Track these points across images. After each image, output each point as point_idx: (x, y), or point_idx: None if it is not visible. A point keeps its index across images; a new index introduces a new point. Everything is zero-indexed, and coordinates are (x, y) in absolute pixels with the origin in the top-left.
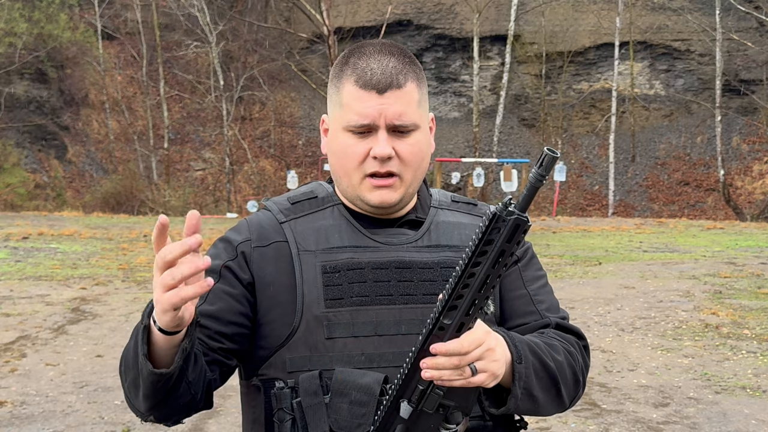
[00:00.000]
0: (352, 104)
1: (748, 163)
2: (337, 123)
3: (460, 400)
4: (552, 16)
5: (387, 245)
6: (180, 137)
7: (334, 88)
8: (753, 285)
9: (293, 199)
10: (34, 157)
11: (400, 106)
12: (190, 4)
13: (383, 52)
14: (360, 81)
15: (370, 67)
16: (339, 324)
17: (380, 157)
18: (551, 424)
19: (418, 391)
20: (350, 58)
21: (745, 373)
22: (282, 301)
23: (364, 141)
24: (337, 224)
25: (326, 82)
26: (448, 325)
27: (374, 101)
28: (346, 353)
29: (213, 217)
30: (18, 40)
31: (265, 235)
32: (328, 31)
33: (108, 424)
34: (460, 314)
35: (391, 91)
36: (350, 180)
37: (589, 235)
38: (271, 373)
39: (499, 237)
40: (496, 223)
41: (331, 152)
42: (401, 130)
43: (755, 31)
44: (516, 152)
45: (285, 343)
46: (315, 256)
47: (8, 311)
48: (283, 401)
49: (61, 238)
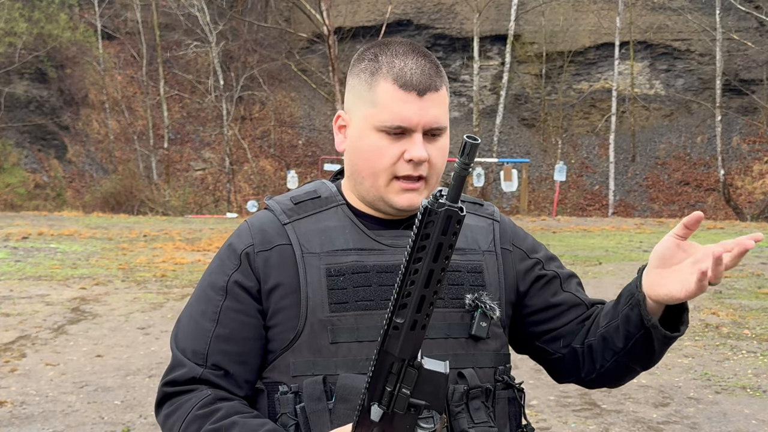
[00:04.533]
0: (390, 104)
1: (748, 163)
2: (367, 121)
3: (430, 399)
4: (552, 15)
5: (392, 248)
6: (180, 137)
7: (364, 84)
8: (753, 285)
9: (296, 199)
10: (34, 157)
11: (437, 109)
12: (190, 4)
13: (416, 52)
14: (399, 81)
15: (409, 66)
16: (343, 328)
17: (417, 160)
18: (551, 424)
19: (387, 393)
20: (381, 56)
21: (745, 373)
22: (286, 305)
23: (398, 143)
24: (342, 225)
25: (326, 82)
26: (401, 324)
27: (414, 104)
28: (350, 358)
29: (213, 217)
30: (18, 40)
31: (268, 238)
32: (328, 31)
33: (108, 424)
34: (411, 312)
35: (430, 93)
36: (376, 181)
37: (589, 235)
38: (275, 377)
39: (433, 230)
40: (429, 217)
41: (358, 151)
42: (434, 134)
43: (755, 31)
44: (516, 152)
45: (289, 346)
46: (319, 259)
47: (8, 311)
48: (287, 406)
49: (61, 238)
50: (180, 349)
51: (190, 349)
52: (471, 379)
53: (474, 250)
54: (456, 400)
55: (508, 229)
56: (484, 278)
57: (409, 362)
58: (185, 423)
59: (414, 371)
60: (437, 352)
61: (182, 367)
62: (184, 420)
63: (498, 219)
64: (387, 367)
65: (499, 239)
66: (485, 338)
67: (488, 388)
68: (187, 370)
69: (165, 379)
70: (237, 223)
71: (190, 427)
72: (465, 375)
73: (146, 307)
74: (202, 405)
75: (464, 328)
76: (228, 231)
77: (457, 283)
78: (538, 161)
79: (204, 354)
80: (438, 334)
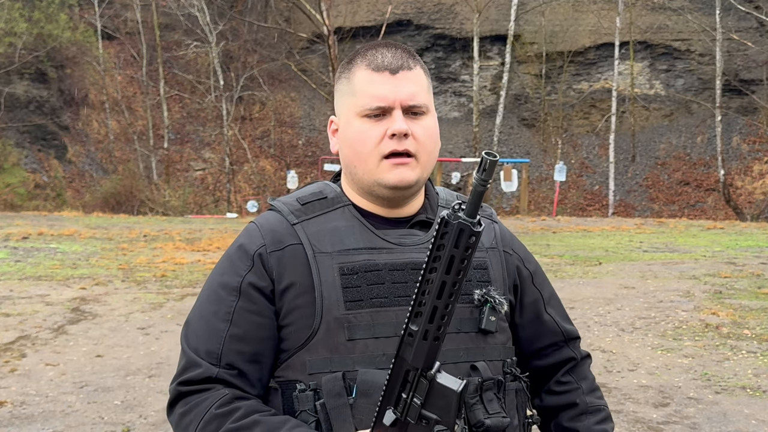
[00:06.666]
0: (366, 88)
1: (748, 163)
2: (350, 112)
3: (441, 413)
4: (552, 16)
5: (401, 246)
6: (180, 137)
7: (344, 80)
8: (753, 285)
9: (303, 200)
10: (34, 157)
11: (412, 86)
12: (190, 4)
13: (389, 44)
14: (372, 65)
15: (381, 52)
16: (359, 325)
17: (398, 132)
18: None
19: (402, 399)
20: (358, 52)
21: (745, 373)
22: (301, 304)
23: (380, 123)
24: (350, 225)
25: (326, 82)
26: (416, 332)
27: (388, 82)
28: (367, 354)
29: (213, 217)
30: (18, 40)
31: (279, 238)
32: (328, 31)
33: (108, 424)
34: (425, 322)
35: (403, 72)
36: (366, 165)
37: (589, 235)
38: (289, 375)
39: (447, 242)
40: (445, 228)
41: (345, 142)
42: (415, 111)
43: (755, 31)
44: (516, 152)
45: (304, 345)
46: (331, 258)
47: (8, 311)
48: (306, 403)
49: (61, 238)
50: (192, 349)
51: (203, 349)
52: (484, 371)
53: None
54: (471, 392)
55: (506, 233)
56: (489, 274)
57: (422, 372)
58: (203, 422)
59: (426, 382)
60: (449, 346)
61: (197, 366)
62: (202, 419)
63: (497, 221)
64: (402, 374)
65: (500, 239)
66: (494, 332)
67: (500, 379)
68: (203, 369)
69: (179, 379)
70: (237, 223)
71: (208, 426)
72: (478, 368)
73: (146, 307)
74: (221, 404)
75: (474, 322)
76: (228, 231)
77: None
78: (538, 161)
79: (218, 354)
80: (450, 329)
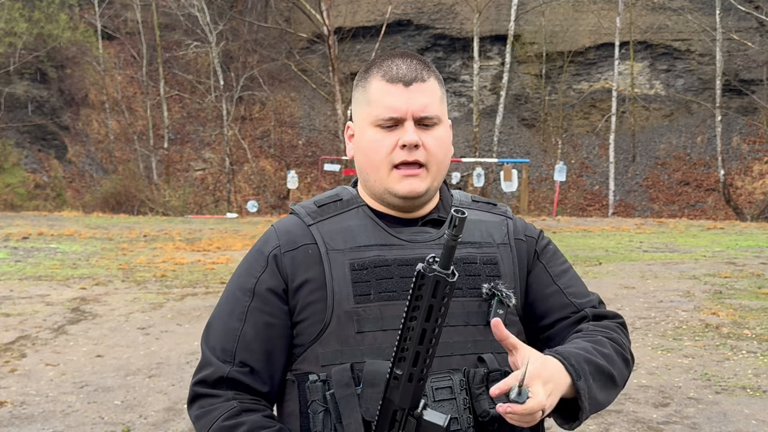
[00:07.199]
0: (380, 99)
1: (748, 163)
2: (365, 120)
3: None
4: (552, 16)
5: (411, 243)
6: (180, 137)
7: (360, 89)
8: (753, 285)
9: (320, 203)
10: (34, 157)
11: (425, 98)
12: (190, 4)
13: (406, 55)
14: (386, 76)
15: (396, 63)
16: (368, 318)
17: (409, 144)
18: (551, 424)
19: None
20: (374, 62)
21: (746, 373)
22: (314, 300)
23: (392, 134)
24: (363, 224)
25: (326, 82)
26: (400, 376)
27: (401, 94)
28: (375, 346)
29: (213, 217)
30: (18, 40)
31: (294, 239)
32: (328, 31)
33: (108, 424)
34: (408, 366)
35: (417, 84)
36: (378, 173)
37: (589, 235)
38: (305, 368)
39: (425, 293)
40: (422, 280)
41: (359, 149)
42: (426, 123)
43: (755, 31)
44: (516, 152)
45: (317, 338)
46: (343, 255)
47: (8, 311)
48: (316, 393)
49: (61, 238)
50: (210, 347)
51: (219, 346)
52: (491, 363)
53: (489, 243)
54: (477, 382)
55: (519, 224)
56: (500, 269)
57: (409, 412)
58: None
59: (413, 421)
60: (457, 339)
61: (210, 366)
62: (210, 428)
63: (511, 217)
64: (390, 414)
65: (513, 232)
66: None
67: (506, 370)
68: (214, 369)
69: (195, 377)
70: (237, 223)
71: None
72: (485, 359)
73: (146, 307)
74: (228, 417)
75: (482, 315)
76: (228, 231)
77: (474, 274)
78: (538, 161)
79: (232, 351)
80: (458, 322)
